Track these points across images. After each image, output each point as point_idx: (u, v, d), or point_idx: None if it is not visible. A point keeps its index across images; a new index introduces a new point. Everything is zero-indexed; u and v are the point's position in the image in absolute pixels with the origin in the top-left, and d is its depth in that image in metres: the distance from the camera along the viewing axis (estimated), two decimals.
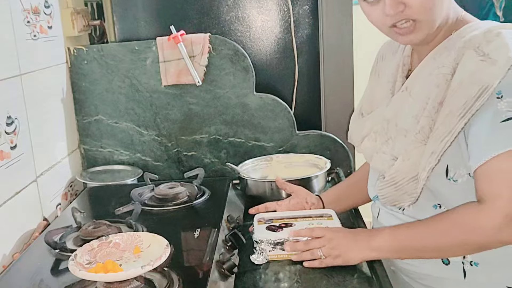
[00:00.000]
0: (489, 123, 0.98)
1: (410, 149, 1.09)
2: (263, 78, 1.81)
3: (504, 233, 0.99)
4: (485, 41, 1.03)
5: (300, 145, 1.77)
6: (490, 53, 1.01)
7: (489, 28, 1.06)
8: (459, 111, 1.01)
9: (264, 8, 1.80)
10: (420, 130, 1.08)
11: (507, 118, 0.97)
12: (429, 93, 1.08)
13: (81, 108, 1.76)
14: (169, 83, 1.72)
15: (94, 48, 1.72)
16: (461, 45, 1.06)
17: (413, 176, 1.09)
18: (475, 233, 1.02)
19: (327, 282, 1.12)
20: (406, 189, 1.11)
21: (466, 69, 1.03)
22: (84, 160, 1.80)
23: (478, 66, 1.01)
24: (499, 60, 0.99)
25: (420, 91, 1.11)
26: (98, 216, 1.34)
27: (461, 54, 1.04)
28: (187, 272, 1.08)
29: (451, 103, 1.03)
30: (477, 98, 0.99)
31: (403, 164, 1.11)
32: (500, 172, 0.97)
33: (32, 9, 1.47)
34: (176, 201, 1.45)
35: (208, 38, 1.69)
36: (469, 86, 1.00)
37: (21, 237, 1.34)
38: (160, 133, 1.78)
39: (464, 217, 1.03)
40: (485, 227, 1.00)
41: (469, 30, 1.08)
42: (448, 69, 1.06)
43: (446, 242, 1.06)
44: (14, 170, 1.32)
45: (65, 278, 1.07)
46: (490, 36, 1.03)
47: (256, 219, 1.32)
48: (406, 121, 1.11)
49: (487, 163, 0.98)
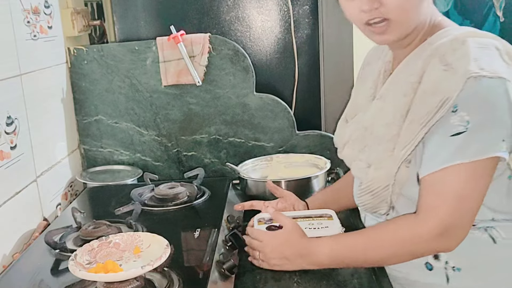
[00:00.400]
0: (440, 135, 0.99)
1: (382, 158, 1.10)
2: (263, 78, 1.81)
3: (439, 242, 1.01)
4: (451, 49, 1.02)
5: (300, 145, 1.77)
6: (453, 63, 1.00)
7: (456, 35, 1.05)
8: (421, 120, 1.02)
9: (264, 8, 1.80)
10: (390, 139, 1.09)
11: (457, 132, 0.97)
12: (398, 102, 1.08)
13: (81, 108, 1.76)
14: (169, 83, 1.72)
15: (94, 48, 1.72)
16: (429, 53, 1.05)
17: (388, 184, 1.10)
18: (413, 243, 1.04)
19: (327, 282, 1.12)
20: (383, 197, 1.12)
21: (430, 78, 1.03)
22: (84, 160, 1.80)
23: (441, 76, 1.01)
24: (459, 71, 0.98)
25: (392, 99, 1.11)
26: (98, 216, 1.34)
27: (428, 62, 1.04)
28: (187, 272, 1.08)
29: (415, 112, 1.03)
30: (439, 109, 0.99)
31: (376, 172, 1.12)
32: (443, 184, 0.99)
33: (32, 9, 1.47)
34: (176, 201, 1.45)
35: (208, 38, 1.69)
36: (431, 95, 1.01)
37: (21, 237, 1.34)
38: (160, 133, 1.78)
39: (403, 228, 1.05)
40: (422, 237, 1.02)
41: (440, 36, 1.07)
42: (415, 78, 1.05)
43: (386, 253, 1.08)
44: (14, 170, 1.32)
45: (65, 278, 1.07)
46: (456, 44, 1.02)
47: (256, 219, 1.32)
48: (380, 129, 1.12)
49: (431, 175, 1.00)
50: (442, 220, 0.99)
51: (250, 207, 1.42)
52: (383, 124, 1.11)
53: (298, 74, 1.84)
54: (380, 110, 1.14)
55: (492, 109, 0.98)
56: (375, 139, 1.13)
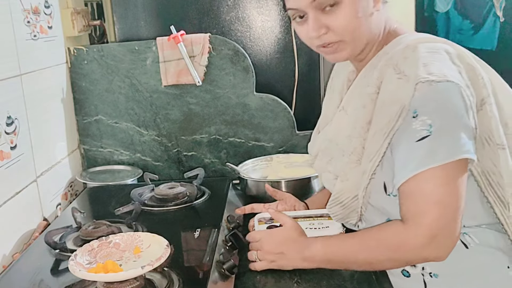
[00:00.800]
0: (406, 142, 0.99)
1: (347, 170, 1.11)
2: (263, 78, 1.81)
3: (428, 250, 1.00)
4: (402, 57, 1.02)
5: (300, 145, 1.77)
6: (405, 70, 1.00)
7: (408, 43, 1.05)
8: (383, 130, 1.01)
9: (264, 8, 1.80)
10: (353, 150, 1.09)
11: (422, 137, 0.97)
12: (358, 113, 1.08)
13: (81, 108, 1.76)
14: (169, 83, 1.72)
15: (94, 48, 1.72)
16: (384, 62, 1.05)
17: (355, 195, 1.10)
18: (401, 250, 1.03)
19: (327, 282, 1.12)
20: (352, 207, 1.13)
21: (387, 88, 1.02)
22: (84, 160, 1.80)
23: (396, 84, 1.01)
24: (410, 77, 0.99)
25: (352, 110, 1.11)
26: (98, 216, 1.34)
27: (384, 72, 1.04)
28: (187, 272, 1.08)
29: (377, 123, 1.03)
30: (398, 117, 0.99)
31: (342, 184, 1.12)
32: (420, 191, 0.98)
33: (32, 9, 1.47)
34: (176, 201, 1.45)
35: (208, 38, 1.69)
36: (390, 105, 1.01)
37: (21, 237, 1.34)
38: (160, 133, 1.78)
39: (391, 236, 1.04)
40: (410, 245, 1.01)
41: (395, 45, 1.08)
42: (373, 89, 1.05)
43: (375, 258, 1.07)
44: (14, 170, 1.32)
45: (65, 278, 1.07)
46: (407, 52, 1.03)
47: (257, 219, 1.32)
48: (343, 141, 1.12)
49: (407, 182, 0.99)
50: (428, 228, 0.98)
51: (250, 210, 1.42)
52: (345, 135, 1.12)
53: (298, 74, 1.84)
54: (343, 122, 1.14)
55: (452, 110, 0.98)
56: (339, 150, 1.14)
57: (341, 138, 1.14)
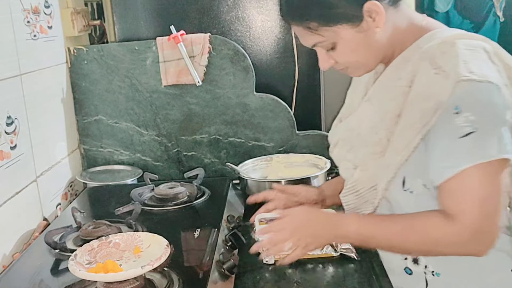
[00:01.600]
0: (448, 139, 0.98)
1: (368, 160, 1.10)
2: (263, 78, 1.81)
3: (469, 247, 1.00)
4: (440, 52, 1.02)
5: (300, 145, 1.77)
6: (443, 66, 0.99)
7: (445, 38, 1.04)
8: (415, 125, 1.01)
9: (264, 8, 1.80)
10: (378, 141, 1.08)
11: (466, 133, 0.96)
12: (387, 106, 1.08)
13: (81, 108, 1.76)
14: (169, 83, 1.72)
15: (94, 48, 1.72)
16: (418, 56, 1.05)
17: (372, 186, 1.10)
18: (441, 245, 1.02)
19: (327, 282, 1.12)
20: (367, 198, 1.12)
21: (422, 82, 1.02)
22: (84, 160, 1.80)
23: (432, 80, 1.00)
24: (450, 74, 0.98)
25: (379, 102, 1.11)
26: (98, 216, 1.34)
27: (418, 66, 1.03)
28: (187, 272, 1.08)
29: (408, 117, 1.03)
30: (433, 113, 0.98)
31: (361, 174, 1.12)
32: (463, 188, 0.98)
33: (32, 9, 1.47)
34: (176, 201, 1.45)
35: (208, 38, 1.69)
36: (424, 100, 1.00)
37: (21, 237, 1.34)
38: (160, 133, 1.78)
39: (431, 229, 1.02)
40: (452, 242, 1.01)
41: (428, 39, 1.07)
42: (405, 82, 1.05)
43: (411, 247, 1.06)
44: (14, 170, 1.32)
45: (65, 278, 1.07)
46: (445, 47, 1.02)
47: (257, 219, 1.32)
48: (366, 132, 1.12)
49: (450, 180, 0.98)
50: (470, 225, 0.98)
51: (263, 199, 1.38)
52: (369, 126, 1.11)
53: (298, 74, 1.84)
54: (367, 112, 1.14)
55: (494, 109, 0.97)
56: (361, 140, 1.13)
57: (364, 128, 1.13)
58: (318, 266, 1.19)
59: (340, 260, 1.20)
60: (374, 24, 1.05)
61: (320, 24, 1.04)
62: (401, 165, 1.04)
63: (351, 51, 1.07)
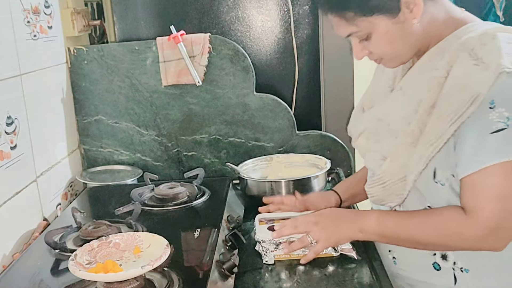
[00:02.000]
0: (479, 133, 0.97)
1: (399, 151, 1.09)
2: (263, 78, 1.81)
3: (486, 242, 1.00)
4: (480, 43, 1.00)
5: (300, 145, 1.77)
6: (484, 57, 0.98)
7: (485, 30, 1.03)
8: (450, 116, 0.99)
9: (264, 8, 1.80)
10: (410, 132, 1.07)
11: (497, 129, 0.95)
12: (421, 96, 1.06)
13: (81, 108, 1.76)
14: (169, 83, 1.72)
15: (94, 48, 1.72)
16: (456, 47, 1.03)
17: (401, 177, 1.09)
18: (459, 240, 1.03)
19: (327, 282, 1.12)
20: (393, 190, 1.11)
21: (459, 73, 1.00)
22: (84, 160, 1.80)
23: (471, 71, 0.99)
24: (491, 66, 0.96)
25: (413, 92, 1.10)
26: (98, 216, 1.34)
27: (455, 56, 1.02)
28: (187, 272, 1.08)
29: (443, 108, 1.01)
30: (470, 105, 0.97)
31: (391, 164, 1.11)
32: (485, 185, 0.97)
33: (32, 9, 1.47)
34: (176, 201, 1.45)
35: (208, 38, 1.69)
36: (461, 91, 0.98)
37: (21, 237, 1.34)
38: (160, 133, 1.78)
39: (449, 224, 1.03)
40: (468, 237, 1.01)
41: (467, 31, 1.06)
42: (441, 72, 1.04)
43: (430, 241, 1.07)
44: (14, 170, 1.32)
45: (65, 278, 1.07)
46: (486, 38, 1.00)
47: (257, 219, 1.32)
48: (398, 122, 1.10)
49: (473, 174, 0.98)
50: (488, 222, 0.98)
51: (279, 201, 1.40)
52: (401, 117, 1.09)
53: (298, 74, 1.84)
54: (399, 103, 1.12)
55: None
56: (391, 131, 1.12)
57: (394, 118, 1.12)
58: (318, 266, 1.18)
59: (340, 260, 1.20)
60: (411, 16, 1.04)
61: (356, 15, 1.04)
62: (432, 157, 1.03)
63: (387, 42, 1.06)
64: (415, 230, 1.07)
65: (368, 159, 1.19)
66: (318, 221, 1.17)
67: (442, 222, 1.04)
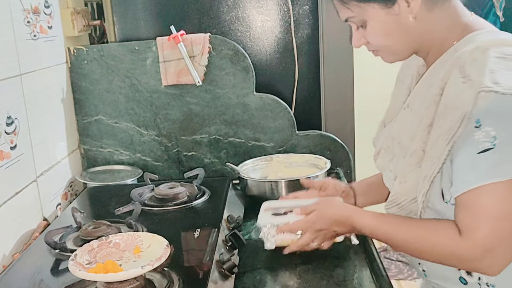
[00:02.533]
0: (467, 153, 0.95)
1: (406, 171, 1.07)
2: (263, 78, 1.81)
3: (480, 264, 0.98)
4: (470, 59, 0.97)
5: (300, 145, 1.77)
6: (471, 74, 0.95)
7: (480, 43, 0.99)
8: (445, 136, 0.97)
9: (264, 8, 1.80)
10: (413, 152, 1.05)
11: (484, 149, 0.93)
12: (422, 114, 1.05)
13: (81, 108, 1.76)
14: (169, 83, 1.72)
15: (94, 48, 1.72)
16: (451, 62, 1.01)
17: (412, 198, 1.07)
18: (453, 259, 1.01)
19: (327, 282, 1.12)
20: (410, 209, 1.09)
21: (451, 91, 0.98)
22: (84, 160, 1.80)
23: (460, 89, 0.96)
24: (474, 84, 0.93)
25: (417, 110, 1.08)
26: (98, 216, 1.34)
27: (449, 73, 1.00)
28: (187, 272, 1.08)
29: (439, 128, 0.99)
30: (460, 125, 0.94)
31: (400, 186, 1.09)
32: (478, 205, 0.95)
33: (32, 9, 1.47)
34: (176, 201, 1.45)
35: (208, 38, 1.69)
36: (452, 110, 0.96)
37: (21, 237, 1.34)
38: (160, 133, 1.78)
39: (444, 242, 1.01)
40: (462, 257, 0.99)
41: (466, 42, 1.03)
42: (436, 90, 1.02)
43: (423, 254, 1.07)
44: (14, 170, 1.32)
45: (65, 278, 1.07)
46: (476, 53, 0.97)
47: (263, 207, 1.32)
48: (406, 141, 1.09)
49: (465, 194, 0.96)
50: (481, 242, 0.95)
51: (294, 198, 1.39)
52: (408, 135, 1.08)
53: (298, 74, 1.84)
54: (407, 121, 1.11)
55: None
56: (401, 150, 1.10)
57: (404, 137, 1.10)
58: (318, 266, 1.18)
59: (340, 260, 1.20)
60: (408, 10, 1.02)
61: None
62: (433, 177, 1.00)
63: (381, 33, 1.05)
64: (408, 240, 1.06)
65: (385, 177, 1.19)
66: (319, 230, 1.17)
67: (437, 238, 1.02)
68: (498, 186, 0.93)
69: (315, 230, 1.17)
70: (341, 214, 1.16)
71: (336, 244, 1.23)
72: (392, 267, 3.12)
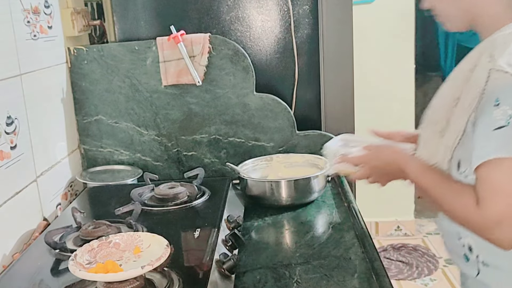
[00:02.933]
0: (485, 129, 1.00)
1: (428, 138, 1.17)
2: (263, 78, 1.81)
3: (491, 234, 1.00)
4: (503, 42, 1.03)
5: (300, 145, 1.78)
6: (496, 55, 1.00)
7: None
8: (466, 110, 1.04)
9: (264, 8, 1.80)
10: (438, 120, 1.13)
11: (499, 126, 0.98)
12: (451, 87, 1.13)
13: (81, 108, 1.76)
14: (169, 83, 1.72)
15: (94, 48, 1.72)
16: (485, 43, 1.07)
17: (433, 164, 1.14)
18: (470, 226, 1.05)
19: (327, 282, 1.13)
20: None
21: (478, 68, 1.04)
22: (84, 160, 1.80)
23: (484, 67, 1.02)
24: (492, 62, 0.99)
25: (451, 83, 1.15)
26: (98, 216, 1.34)
27: (483, 52, 1.05)
28: (187, 272, 1.08)
29: (463, 101, 1.06)
30: (478, 100, 1.01)
31: (422, 152, 1.18)
32: (489, 179, 1.00)
33: (32, 9, 1.47)
34: (176, 201, 1.45)
35: (208, 38, 1.69)
36: (475, 86, 1.03)
37: (21, 237, 1.34)
38: (160, 133, 1.78)
39: (463, 209, 1.05)
40: (475, 224, 1.03)
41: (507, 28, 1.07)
42: (469, 66, 1.08)
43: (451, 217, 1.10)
44: (14, 170, 1.32)
45: (65, 278, 1.07)
46: (510, 37, 1.03)
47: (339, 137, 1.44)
48: (435, 110, 1.17)
49: (479, 168, 1.00)
50: (492, 215, 0.99)
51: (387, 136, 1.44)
52: (438, 106, 1.16)
53: (298, 74, 1.84)
54: (442, 92, 1.18)
55: None
56: (431, 119, 1.19)
57: (436, 107, 1.18)
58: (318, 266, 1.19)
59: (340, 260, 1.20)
60: None
61: None
62: (454, 148, 1.08)
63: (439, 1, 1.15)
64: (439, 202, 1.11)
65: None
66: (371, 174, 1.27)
67: (458, 204, 1.06)
68: (506, 162, 0.98)
69: (370, 167, 1.26)
70: (394, 157, 1.23)
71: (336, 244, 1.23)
72: (392, 267, 3.12)
